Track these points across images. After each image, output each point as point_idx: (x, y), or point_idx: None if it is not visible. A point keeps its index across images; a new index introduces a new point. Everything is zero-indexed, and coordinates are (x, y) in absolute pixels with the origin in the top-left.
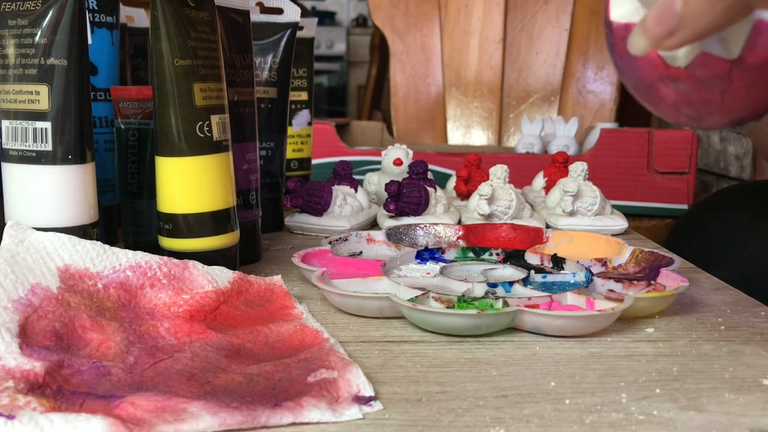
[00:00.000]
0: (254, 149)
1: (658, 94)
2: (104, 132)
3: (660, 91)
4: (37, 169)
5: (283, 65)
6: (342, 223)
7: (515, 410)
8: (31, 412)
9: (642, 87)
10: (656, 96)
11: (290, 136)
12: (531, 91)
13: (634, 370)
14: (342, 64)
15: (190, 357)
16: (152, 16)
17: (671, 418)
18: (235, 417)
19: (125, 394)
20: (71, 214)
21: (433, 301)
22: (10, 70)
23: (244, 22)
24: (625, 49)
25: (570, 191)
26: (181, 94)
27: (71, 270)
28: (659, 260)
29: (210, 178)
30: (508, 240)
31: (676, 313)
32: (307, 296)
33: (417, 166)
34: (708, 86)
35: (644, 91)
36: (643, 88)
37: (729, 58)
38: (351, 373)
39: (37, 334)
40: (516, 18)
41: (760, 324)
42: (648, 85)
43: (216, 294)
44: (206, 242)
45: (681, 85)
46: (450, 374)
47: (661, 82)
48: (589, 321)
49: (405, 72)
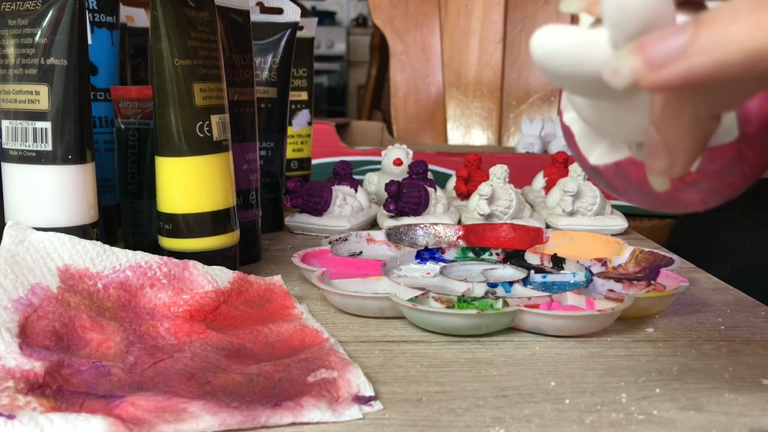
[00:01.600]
0: (254, 149)
1: (681, 201)
2: (104, 132)
3: (682, 198)
4: (37, 169)
5: (283, 65)
6: (342, 223)
7: (515, 410)
8: (31, 412)
9: (661, 203)
10: (680, 204)
11: (290, 136)
12: (531, 91)
13: (634, 370)
14: (342, 64)
15: (190, 357)
16: (152, 16)
17: (671, 418)
18: (235, 417)
19: (125, 394)
20: (71, 214)
21: (433, 301)
22: (10, 70)
23: (244, 22)
24: (628, 184)
25: (570, 191)
26: (181, 94)
27: (71, 270)
28: (659, 260)
29: (210, 178)
30: (508, 240)
31: (676, 313)
32: (307, 296)
33: (417, 166)
34: (726, 173)
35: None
36: (663, 204)
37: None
38: (351, 373)
39: (37, 334)
40: (516, 18)
41: (760, 324)
42: (668, 200)
43: (216, 294)
44: (206, 242)
45: (701, 185)
46: (450, 374)
47: (680, 192)
48: (589, 321)
49: (405, 72)
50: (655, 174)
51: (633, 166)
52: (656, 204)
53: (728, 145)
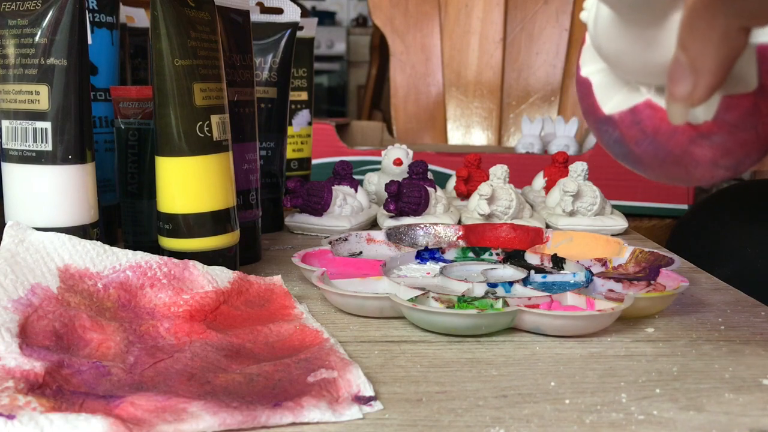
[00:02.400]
0: (254, 149)
1: (692, 157)
2: (104, 132)
3: (694, 153)
4: (37, 169)
5: (283, 65)
6: (342, 223)
7: (515, 410)
8: (31, 412)
9: (672, 159)
10: (691, 160)
11: (290, 136)
12: (531, 91)
13: (634, 370)
14: (342, 64)
15: (190, 357)
16: (152, 16)
17: (671, 418)
18: (235, 417)
19: (125, 394)
20: (71, 214)
21: (433, 301)
22: (10, 70)
23: (244, 22)
24: (639, 133)
25: (570, 191)
26: (181, 94)
27: (71, 270)
28: (659, 260)
29: (210, 178)
30: (508, 240)
31: (676, 313)
32: (307, 296)
33: (417, 166)
34: (741, 127)
35: (675, 162)
36: (673, 160)
37: (749, 91)
38: (351, 373)
39: (37, 334)
40: (516, 18)
41: (760, 324)
42: (679, 155)
43: (216, 294)
44: (206, 242)
45: (715, 138)
46: (450, 374)
47: (693, 145)
48: (589, 321)
49: (405, 72)
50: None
51: (650, 111)
52: (666, 161)
53: (746, 96)
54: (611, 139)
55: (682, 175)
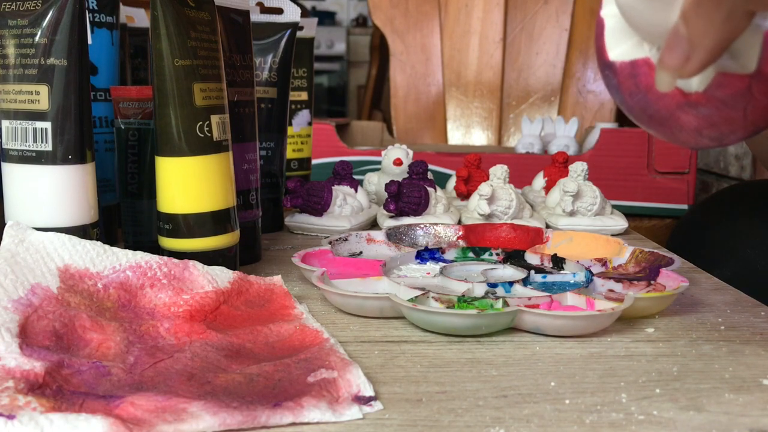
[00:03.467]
0: (254, 149)
1: (678, 122)
2: (104, 132)
3: (680, 119)
4: (37, 169)
5: (283, 65)
6: (342, 223)
7: (515, 410)
8: (31, 412)
9: (658, 119)
10: (676, 124)
11: (290, 136)
12: (531, 91)
13: (634, 370)
14: (342, 64)
15: (190, 357)
16: (152, 16)
17: (671, 418)
18: (235, 417)
19: (125, 394)
20: (71, 214)
21: (433, 301)
22: (10, 70)
23: (244, 22)
24: (634, 86)
25: (570, 191)
26: (181, 94)
27: (71, 270)
28: (659, 260)
29: (210, 178)
30: (508, 240)
31: (676, 313)
32: (307, 296)
33: (417, 166)
34: (729, 105)
35: (661, 122)
36: (659, 120)
37: (746, 73)
38: (351, 373)
39: (37, 334)
40: (516, 18)
41: (760, 324)
42: (666, 116)
43: (216, 294)
44: (206, 242)
45: (702, 110)
46: (450, 374)
47: (680, 111)
48: (589, 321)
49: (405, 72)
50: (666, 70)
51: (647, 68)
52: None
53: (741, 77)
54: (610, 84)
55: (668, 135)
